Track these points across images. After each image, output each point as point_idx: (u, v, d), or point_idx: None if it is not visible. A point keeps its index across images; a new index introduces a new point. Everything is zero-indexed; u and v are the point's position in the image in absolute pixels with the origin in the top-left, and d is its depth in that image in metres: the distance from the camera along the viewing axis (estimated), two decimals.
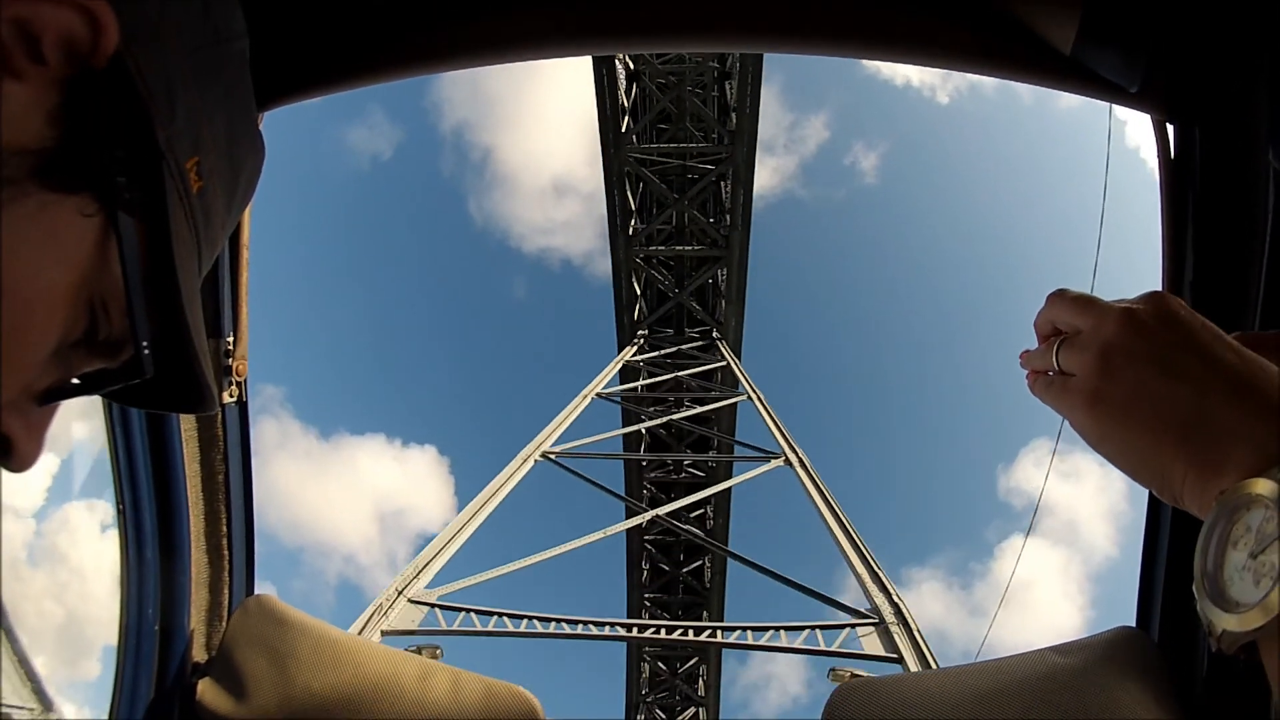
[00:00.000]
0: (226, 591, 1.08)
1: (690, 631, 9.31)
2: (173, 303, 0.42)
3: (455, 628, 8.38)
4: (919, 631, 7.98)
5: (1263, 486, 0.32)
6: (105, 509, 1.08)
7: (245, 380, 1.04)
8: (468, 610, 8.65)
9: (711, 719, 19.02)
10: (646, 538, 17.57)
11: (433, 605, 8.53)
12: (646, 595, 18.78)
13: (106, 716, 1.05)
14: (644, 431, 16.67)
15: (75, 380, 0.43)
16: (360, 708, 0.95)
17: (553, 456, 12.07)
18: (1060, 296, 0.46)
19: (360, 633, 7.98)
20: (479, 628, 8.49)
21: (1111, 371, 0.41)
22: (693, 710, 19.34)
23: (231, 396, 1.03)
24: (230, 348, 1.01)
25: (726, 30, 0.91)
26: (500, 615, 8.66)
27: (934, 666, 7.65)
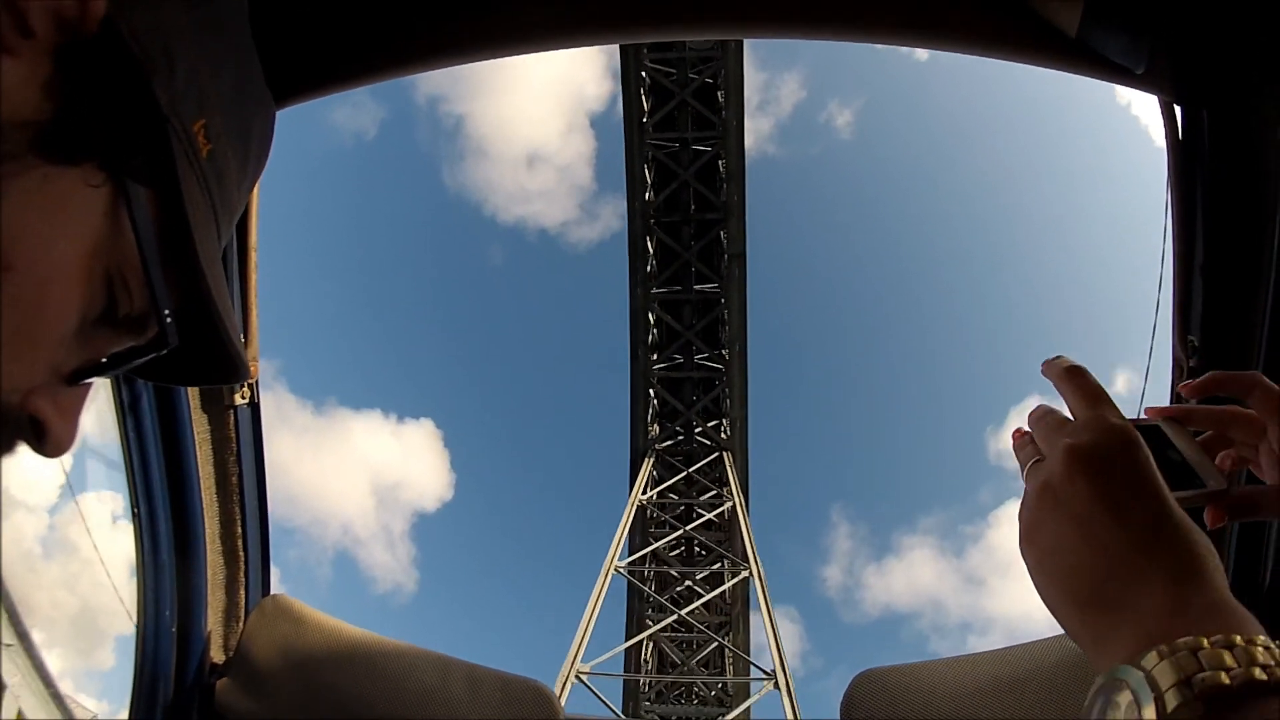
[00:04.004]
0: (243, 592, 1.08)
1: None
2: (191, 269, 0.41)
3: None
4: None
5: (1129, 674, 0.34)
6: (115, 500, 1.08)
7: (257, 382, 1.05)
8: None
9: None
10: None
11: None
12: None
13: (126, 717, 1.05)
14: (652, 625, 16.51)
15: (104, 359, 0.42)
16: (378, 705, 0.95)
17: (584, 678, 12.70)
18: (1036, 419, 0.47)
19: None
20: None
21: (1041, 513, 0.42)
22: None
23: (243, 398, 1.04)
24: (242, 343, 1.01)
25: (733, 17, 0.91)
26: None
27: None
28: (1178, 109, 0.94)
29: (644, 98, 15.92)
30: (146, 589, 1.04)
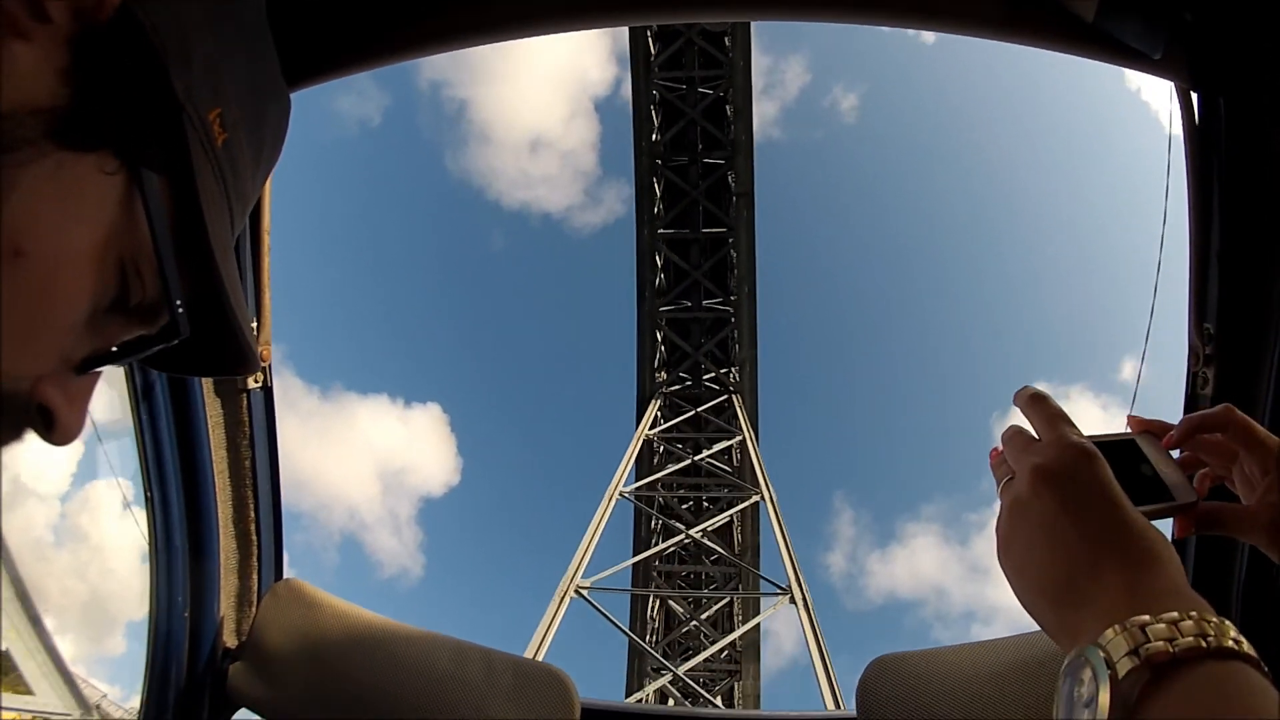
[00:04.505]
0: (255, 577, 1.08)
1: None
2: (205, 259, 0.41)
3: None
4: None
5: (1091, 652, 0.39)
6: (126, 486, 1.08)
7: (270, 365, 1.05)
8: None
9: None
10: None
11: None
12: None
13: (139, 703, 1.06)
14: (658, 563, 16.41)
15: (114, 348, 0.42)
16: (393, 690, 0.95)
17: (584, 592, 12.54)
18: (1007, 438, 0.53)
19: None
20: None
21: (1013, 526, 0.48)
22: None
23: (256, 382, 1.04)
24: (254, 333, 1.01)
25: None
26: None
27: None
28: (1194, 95, 0.94)
29: (650, 38, 15.86)
30: (159, 574, 1.04)
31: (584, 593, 12.43)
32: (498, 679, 0.94)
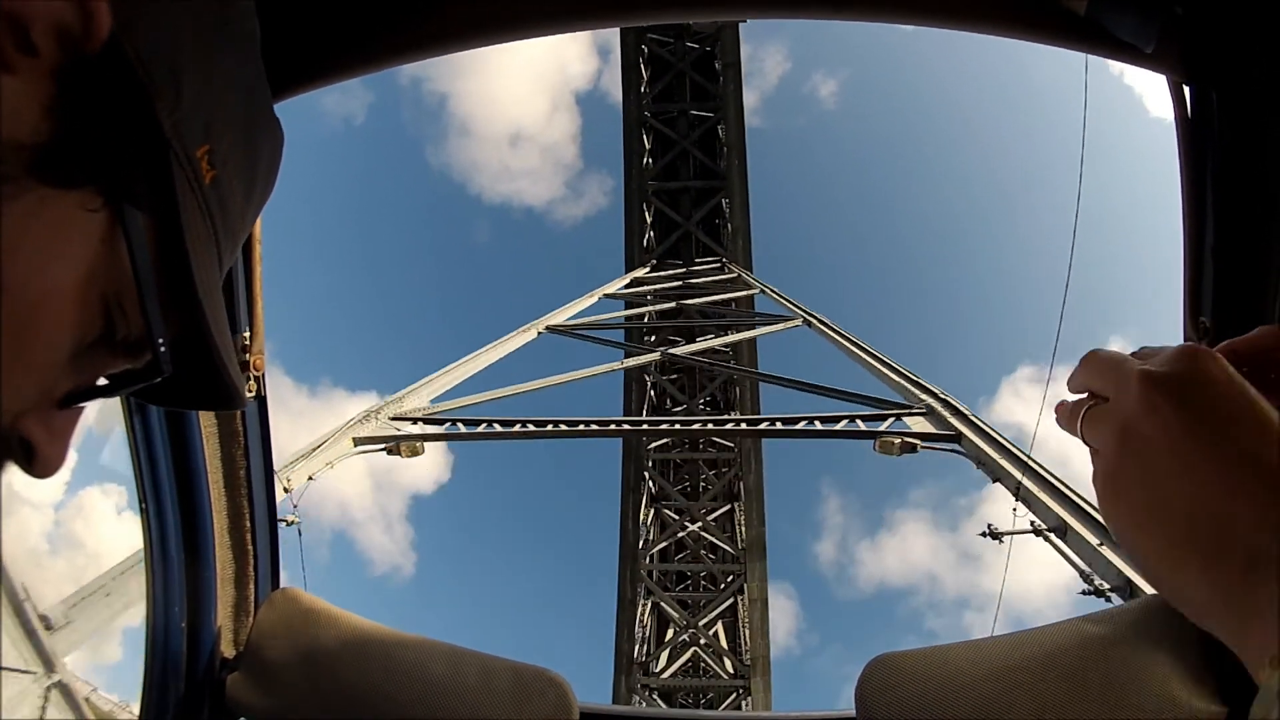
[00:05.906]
0: (252, 586, 1.08)
1: (712, 424, 8.61)
2: (189, 298, 0.41)
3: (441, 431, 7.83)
4: (972, 413, 7.30)
5: None
6: (118, 492, 1.08)
7: (263, 374, 1.04)
8: (455, 421, 8.02)
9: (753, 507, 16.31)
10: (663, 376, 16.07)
11: (417, 420, 7.96)
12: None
13: (137, 715, 1.06)
14: (654, 313, 15.64)
15: (99, 382, 0.42)
16: (390, 698, 0.95)
17: (559, 330, 11.58)
18: (1090, 360, 0.42)
19: (331, 440, 7.39)
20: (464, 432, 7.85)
21: (1122, 459, 0.36)
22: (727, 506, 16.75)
23: (250, 391, 1.03)
24: (247, 342, 1.01)
25: None
26: (490, 422, 8.00)
27: (998, 439, 7.05)
28: (1187, 88, 0.93)
29: None
30: (155, 585, 1.04)
31: (556, 329, 11.45)
32: (495, 684, 0.94)
